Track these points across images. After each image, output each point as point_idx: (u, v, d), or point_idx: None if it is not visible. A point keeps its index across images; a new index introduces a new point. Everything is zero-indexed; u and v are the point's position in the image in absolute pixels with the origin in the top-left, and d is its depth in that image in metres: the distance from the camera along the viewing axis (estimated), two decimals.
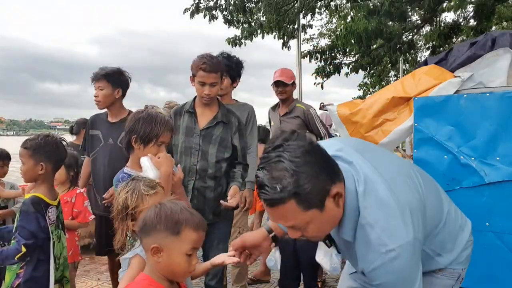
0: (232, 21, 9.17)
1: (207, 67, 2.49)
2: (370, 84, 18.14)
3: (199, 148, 2.58)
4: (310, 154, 1.17)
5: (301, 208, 1.17)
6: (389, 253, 1.20)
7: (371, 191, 1.27)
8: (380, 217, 1.23)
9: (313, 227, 1.24)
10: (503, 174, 2.18)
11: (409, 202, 1.29)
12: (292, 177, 1.14)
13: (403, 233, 1.22)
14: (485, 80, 2.47)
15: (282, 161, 1.15)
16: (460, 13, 9.88)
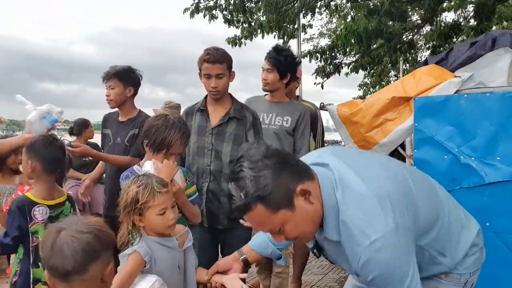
0: (232, 21, 9.17)
1: (211, 57, 2.41)
2: (370, 84, 18.15)
3: (212, 147, 2.45)
4: (268, 158, 1.24)
5: (270, 211, 1.22)
6: (374, 244, 1.21)
7: (348, 187, 1.29)
8: (358, 211, 1.25)
9: (289, 228, 1.27)
10: (503, 174, 2.18)
11: (389, 193, 1.29)
12: (251, 182, 1.21)
13: (384, 223, 1.23)
14: (486, 80, 2.47)
15: (242, 170, 1.24)
16: (460, 13, 9.89)
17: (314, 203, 1.27)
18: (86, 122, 4.95)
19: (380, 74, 15.75)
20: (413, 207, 1.33)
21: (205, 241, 2.46)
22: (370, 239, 1.22)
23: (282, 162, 1.26)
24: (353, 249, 1.25)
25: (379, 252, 1.21)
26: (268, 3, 8.22)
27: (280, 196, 1.22)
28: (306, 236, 1.36)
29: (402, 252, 1.25)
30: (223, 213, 2.45)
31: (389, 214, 1.24)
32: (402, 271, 1.24)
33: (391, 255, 1.22)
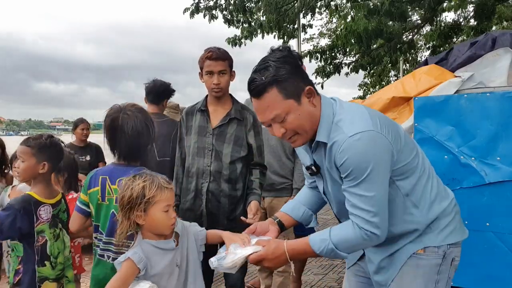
0: (232, 21, 9.18)
1: (213, 54, 2.42)
2: (370, 84, 18.13)
3: (213, 148, 2.45)
4: (287, 60, 1.52)
5: (282, 96, 1.47)
6: (354, 136, 1.43)
7: (346, 104, 1.57)
8: (350, 115, 1.50)
9: (292, 117, 1.49)
10: (504, 174, 2.18)
11: (380, 117, 1.55)
12: (273, 68, 1.48)
13: (369, 124, 1.45)
14: (486, 80, 2.47)
15: (267, 62, 1.52)
16: (460, 13, 9.88)
17: (316, 107, 1.52)
18: (76, 122, 4.95)
19: (380, 74, 15.75)
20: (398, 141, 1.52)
21: None
22: (353, 132, 1.43)
23: (298, 66, 1.54)
24: (337, 140, 1.46)
25: (356, 143, 1.42)
26: (268, 3, 8.22)
27: (292, 86, 1.48)
28: (302, 132, 1.54)
29: (376, 150, 1.43)
30: (223, 213, 2.45)
31: (376, 123, 1.47)
32: (369, 163, 1.42)
33: (366, 147, 1.42)
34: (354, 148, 1.43)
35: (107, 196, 1.93)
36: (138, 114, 1.93)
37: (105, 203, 1.93)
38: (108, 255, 1.93)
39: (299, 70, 1.53)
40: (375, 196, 1.44)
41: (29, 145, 2.14)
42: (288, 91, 1.47)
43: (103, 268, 1.93)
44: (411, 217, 1.55)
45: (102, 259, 1.95)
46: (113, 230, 1.87)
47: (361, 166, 1.42)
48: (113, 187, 1.92)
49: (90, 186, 1.96)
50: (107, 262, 1.93)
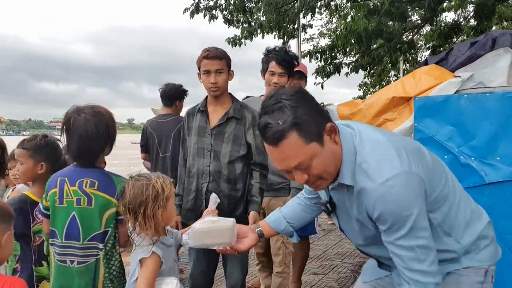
0: (232, 21, 9.17)
1: (210, 53, 2.42)
2: (370, 84, 18.13)
3: (211, 148, 2.45)
4: (302, 96, 1.35)
5: (303, 140, 1.29)
6: (387, 182, 1.28)
7: (366, 135, 1.40)
8: (375, 153, 1.34)
9: (317, 163, 1.32)
10: (504, 174, 2.18)
11: (405, 145, 1.39)
12: (291, 110, 1.29)
13: (399, 164, 1.30)
14: (486, 80, 2.47)
15: (280, 101, 1.31)
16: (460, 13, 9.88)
17: (338, 144, 1.36)
18: None
19: (380, 74, 15.75)
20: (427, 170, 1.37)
21: None
22: (384, 177, 1.28)
23: (314, 103, 1.37)
24: (367, 188, 1.31)
25: (391, 189, 1.27)
26: (268, 3, 8.21)
27: (313, 128, 1.30)
28: (328, 176, 1.39)
29: (413, 194, 1.29)
30: (222, 213, 2.44)
31: (403, 158, 1.31)
32: (410, 209, 1.28)
33: (402, 194, 1.28)
34: (389, 198, 1.28)
35: (66, 198, 1.86)
36: (90, 117, 1.86)
37: (63, 206, 1.86)
38: (71, 259, 1.85)
39: (316, 104, 1.36)
40: (425, 243, 1.31)
41: (24, 148, 2.15)
42: (309, 133, 1.29)
43: (67, 274, 1.85)
44: (446, 246, 1.45)
45: (63, 264, 1.86)
46: (72, 233, 1.84)
47: (402, 216, 1.28)
48: (72, 189, 1.86)
49: (48, 190, 1.91)
50: (70, 267, 1.85)
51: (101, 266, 1.87)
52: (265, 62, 3.04)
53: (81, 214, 1.85)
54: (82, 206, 1.85)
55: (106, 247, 1.89)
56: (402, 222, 1.28)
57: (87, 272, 1.86)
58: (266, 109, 1.33)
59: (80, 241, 1.85)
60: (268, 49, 3.04)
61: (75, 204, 1.85)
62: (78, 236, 1.85)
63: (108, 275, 1.89)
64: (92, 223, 1.85)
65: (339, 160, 1.37)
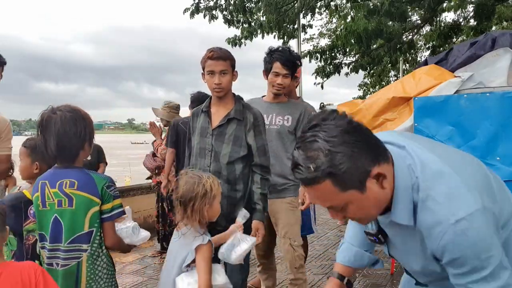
0: (232, 21, 9.17)
1: (215, 54, 2.42)
2: (370, 84, 18.12)
3: (212, 148, 2.47)
4: (349, 134, 1.12)
5: (338, 189, 1.13)
6: (460, 223, 1.10)
7: (428, 167, 1.19)
8: (442, 187, 1.15)
9: (353, 209, 1.19)
10: (503, 174, 2.18)
11: (473, 175, 1.22)
12: (327, 156, 1.10)
13: (471, 201, 1.12)
14: (485, 80, 2.47)
15: (317, 140, 1.11)
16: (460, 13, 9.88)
17: (386, 188, 1.18)
18: None
19: (380, 74, 15.74)
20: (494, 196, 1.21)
21: None
22: (456, 217, 1.11)
23: (362, 140, 1.15)
24: (433, 229, 1.15)
25: (465, 232, 1.10)
26: (268, 3, 8.21)
27: (353, 177, 1.12)
28: (368, 218, 1.29)
29: (489, 235, 1.13)
30: (221, 214, 2.44)
31: (475, 193, 1.14)
32: (489, 251, 1.12)
33: (477, 235, 1.11)
34: (465, 241, 1.11)
35: (47, 201, 1.84)
36: (67, 113, 1.84)
37: (47, 209, 1.84)
38: (57, 262, 1.84)
39: (364, 145, 1.14)
40: (506, 281, 1.14)
41: (25, 146, 2.21)
42: (347, 183, 1.13)
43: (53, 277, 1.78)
44: None
45: (51, 267, 1.84)
46: (56, 236, 1.83)
47: (481, 259, 1.12)
48: (53, 191, 1.83)
49: (33, 194, 1.89)
50: (56, 270, 1.84)
51: (83, 269, 1.84)
52: (268, 62, 2.98)
53: (63, 215, 1.82)
54: (63, 207, 1.82)
55: (92, 248, 1.86)
56: (480, 266, 1.13)
57: (69, 275, 1.84)
58: (301, 142, 1.16)
59: (62, 243, 1.83)
60: (271, 49, 3.00)
61: (57, 206, 1.83)
62: (61, 239, 1.83)
63: (93, 276, 1.86)
64: (75, 224, 1.82)
65: (386, 201, 1.21)
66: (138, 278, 4.14)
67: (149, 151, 5.13)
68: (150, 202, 5.64)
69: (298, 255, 2.97)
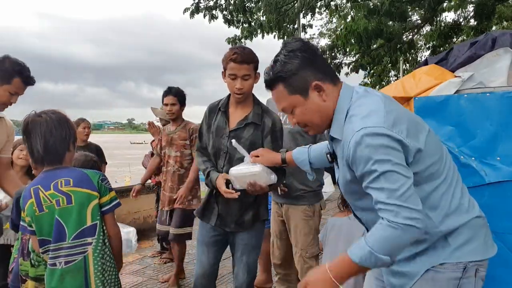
0: (232, 21, 9.18)
1: (238, 57, 2.28)
2: (370, 84, 18.10)
3: (227, 150, 2.38)
4: (301, 51, 1.49)
5: (287, 91, 1.50)
6: (363, 130, 1.36)
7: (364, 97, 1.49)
8: (365, 109, 1.42)
9: (299, 112, 1.52)
10: (504, 174, 2.18)
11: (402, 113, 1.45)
12: (280, 64, 1.50)
13: (381, 118, 1.37)
14: (486, 80, 2.47)
15: (278, 55, 1.53)
16: (460, 13, 9.89)
17: (326, 101, 1.50)
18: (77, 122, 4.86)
19: (380, 74, 15.76)
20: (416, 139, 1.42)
21: (209, 239, 2.49)
22: (362, 125, 1.37)
23: (311, 59, 1.49)
24: (347, 136, 1.41)
25: (364, 137, 1.35)
26: (268, 3, 8.22)
27: (298, 83, 1.48)
28: (313, 126, 1.56)
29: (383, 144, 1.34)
30: (231, 217, 2.43)
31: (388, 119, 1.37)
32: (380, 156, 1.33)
33: (371, 143, 1.34)
34: (361, 144, 1.35)
35: (44, 204, 1.86)
36: (51, 115, 1.91)
37: (45, 212, 1.86)
38: (60, 261, 1.86)
39: (311, 63, 1.49)
40: (398, 189, 1.32)
41: None
42: (293, 87, 1.49)
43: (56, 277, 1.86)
44: None
45: (54, 267, 1.87)
46: (59, 234, 1.85)
47: (372, 160, 1.34)
48: (49, 193, 1.86)
49: (24, 203, 1.89)
50: (58, 269, 1.86)
51: (90, 262, 1.88)
52: None
53: (63, 214, 1.85)
54: (62, 206, 1.85)
55: (98, 240, 1.90)
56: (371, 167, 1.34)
57: (77, 271, 1.86)
58: (274, 57, 1.54)
59: (66, 241, 1.86)
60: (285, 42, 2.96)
61: (56, 206, 1.85)
62: (65, 236, 1.86)
63: (100, 268, 1.90)
64: (77, 220, 1.86)
65: (328, 114, 1.51)
66: (138, 278, 4.14)
67: (148, 151, 5.13)
68: (149, 202, 5.64)
69: (308, 268, 2.89)
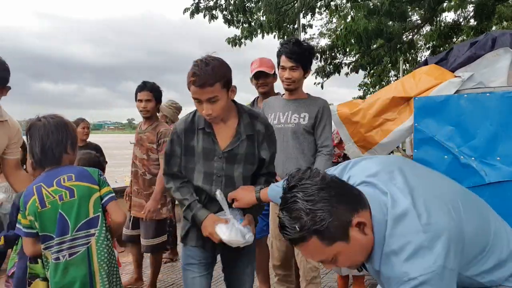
0: (232, 21, 9.19)
1: (197, 80, 1.90)
2: (370, 84, 18.15)
3: (223, 174, 2.10)
4: (324, 190, 1.22)
5: (325, 244, 1.21)
6: (411, 282, 1.16)
7: (401, 220, 1.25)
8: (406, 246, 1.20)
9: (343, 259, 1.26)
10: (504, 174, 2.18)
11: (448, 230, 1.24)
12: (308, 215, 1.18)
13: (430, 262, 1.17)
14: (486, 80, 2.47)
15: (297, 201, 1.21)
16: (460, 13, 9.91)
17: (368, 234, 1.26)
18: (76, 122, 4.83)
19: (380, 74, 15.78)
20: (461, 243, 1.26)
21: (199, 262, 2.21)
22: (409, 276, 1.17)
23: (338, 193, 1.23)
24: (390, 282, 1.23)
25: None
26: (268, 3, 8.23)
27: (337, 230, 1.21)
28: (357, 264, 1.36)
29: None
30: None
31: (439, 253, 1.19)
32: None
33: None
34: None
35: (47, 200, 1.92)
36: (49, 119, 2.00)
37: (47, 208, 1.92)
38: (63, 254, 1.92)
39: (340, 198, 1.23)
40: None
41: None
42: (332, 236, 1.21)
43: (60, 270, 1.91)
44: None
45: (58, 261, 1.92)
46: (63, 228, 1.91)
47: None
48: (51, 189, 1.93)
49: (26, 202, 1.94)
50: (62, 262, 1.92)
51: (93, 253, 1.96)
52: (278, 57, 2.85)
53: (66, 207, 1.93)
54: (65, 200, 1.93)
55: (101, 232, 1.98)
56: None
57: (81, 261, 1.93)
58: (284, 204, 1.25)
59: (69, 234, 1.93)
60: (280, 43, 2.86)
61: (59, 201, 1.92)
62: (68, 230, 1.93)
63: (103, 258, 1.98)
64: (79, 212, 1.94)
65: (371, 245, 1.28)
66: None
67: None
68: None
69: (311, 267, 2.85)
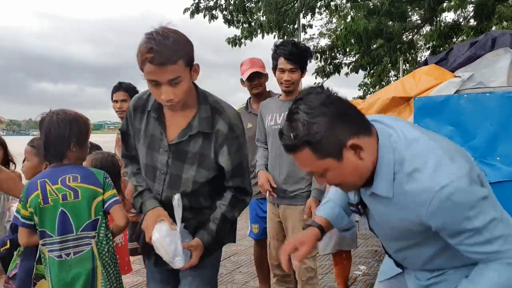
0: (232, 21, 9.20)
1: (156, 57, 1.50)
2: (370, 84, 18.17)
3: (167, 170, 1.76)
4: (326, 106, 1.23)
5: (316, 156, 1.24)
6: (444, 189, 1.17)
7: (413, 143, 1.27)
8: (428, 160, 1.22)
9: (332, 175, 1.29)
10: (503, 174, 2.18)
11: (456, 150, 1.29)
12: (304, 126, 1.22)
13: (455, 169, 1.20)
14: (486, 80, 2.47)
15: (298, 112, 1.24)
16: (460, 13, 9.91)
17: (364, 159, 1.26)
18: None
19: (380, 74, 15.79)
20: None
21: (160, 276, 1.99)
22: (441, 184, 1.18)
23: (341, 112, 1.24)
24: (420, 196, 1.21)
25: (450, 197, 1.17)
26: (268, 3, 8.23)
27: (329, 146, 1.22)
28: (348, 185, 1.37)
29: (473, 194, 1.19)
30: None
31: (460, 162, 1.22)
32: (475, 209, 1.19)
33: (462, 198, 1.18)
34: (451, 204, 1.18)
35: (50, 197, 1.91)
36: (55, 116, 1.99)
37: (49, 205, 1.91)
38: (67, 253, 1.93)
39: (342, 118, 1.23)
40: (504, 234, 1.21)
41: (33, 145, 2.25)
42: (324, 151, 1.23)
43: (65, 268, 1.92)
44: None
45: (61, 259, 1.92)
46: (66, 227, 1.91)
47: (469, 217, 1.19)
48: (56, 187, 1.92)
49: (29, 195, 1.93)
50: (67, 260, 1.93)
51: (95, 254, 1.96)
52: (274, 59, 2.76)
53: (69, 207, 1.92)
54: (69, 200, 1.92)
55: (99, 235, 1.97)
56: (468, 223, 1.19)
57: (86, 260, 1.94)
58: (289, 114, 1.27)
59: (74, 233, 1.93)
60: (275, 44, 2.78)
61: (61, 200, 1.91)
62: (72, 229, 1.93)
63: (105, 258, 1.98)
64: (82, 214, 1.94)
65: (366, 172, 1.29)
66: (138, 278, 4.14)
67: None
68: None
69: (307, 268, 2.74)
